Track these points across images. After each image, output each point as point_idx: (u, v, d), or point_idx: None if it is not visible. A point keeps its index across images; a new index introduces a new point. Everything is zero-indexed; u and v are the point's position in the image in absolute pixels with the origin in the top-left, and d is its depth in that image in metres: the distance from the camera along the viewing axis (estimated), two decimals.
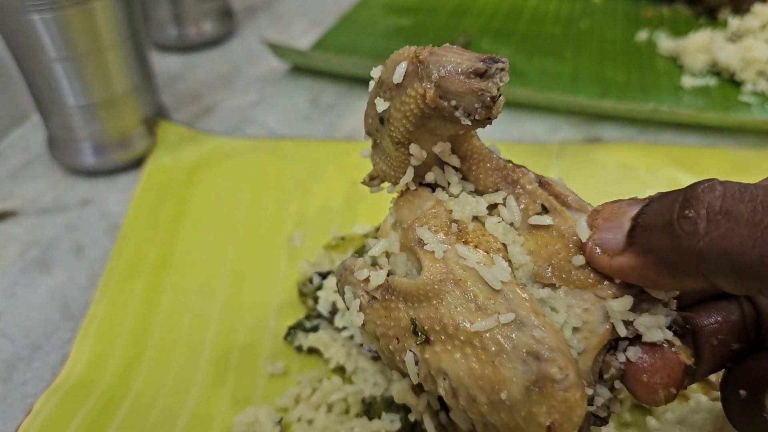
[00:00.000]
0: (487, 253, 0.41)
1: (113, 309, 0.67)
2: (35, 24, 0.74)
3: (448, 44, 0.40)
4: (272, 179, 0.83)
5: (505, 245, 0.41)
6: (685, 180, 0.79)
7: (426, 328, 0.39)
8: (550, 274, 0.39)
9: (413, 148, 0.43)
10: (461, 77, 0.38)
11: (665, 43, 1.08)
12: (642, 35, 1.13)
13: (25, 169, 0.89)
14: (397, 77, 0.40)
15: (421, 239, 0.42)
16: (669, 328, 0.37)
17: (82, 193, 0.85)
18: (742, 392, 0.37)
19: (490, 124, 0.40)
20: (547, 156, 0.85)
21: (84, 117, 0.82)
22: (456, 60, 0.39)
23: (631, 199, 0.38)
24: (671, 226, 0.32)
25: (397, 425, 0.52)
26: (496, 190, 0.43)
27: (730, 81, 0.99)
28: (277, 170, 0.85)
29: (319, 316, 0.63)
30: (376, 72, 0.43)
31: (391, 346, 0.42)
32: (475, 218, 0.43)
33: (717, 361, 0.39)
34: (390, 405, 0.54)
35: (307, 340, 0.61)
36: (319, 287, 0.64)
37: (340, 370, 0.59)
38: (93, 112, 0.82)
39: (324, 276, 0.64)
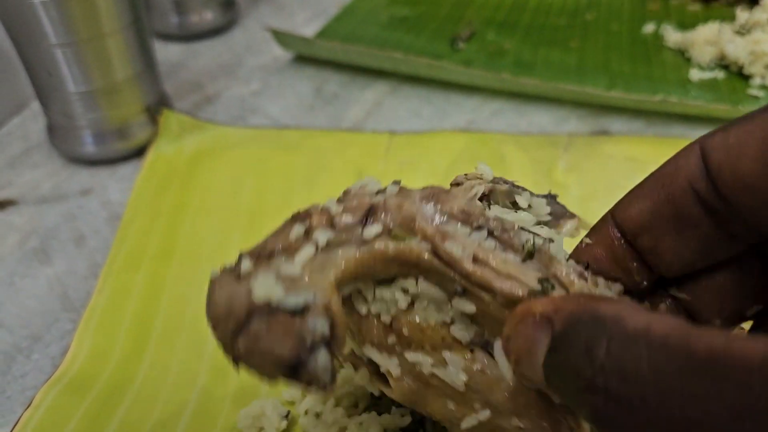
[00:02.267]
0: (435, 350, 0.40)
1: (115, 299, 0.66)
2: (35, 8, 0.72)
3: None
4: (276, 169, 0.82)
5: (447, 323, 0.40)
6: None
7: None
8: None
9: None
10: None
11: (672, 35, 1.07)
12: (648, 27, 1.12)
13: (25, 158, 0.88)
14: None
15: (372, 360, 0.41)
16: None
17: (83, 182, 0.83)
18: None
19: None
20: (555, 148, 0.83)
21: (84, 104, 0.80)
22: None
23: (538, 313, 0.32)
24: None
25: (408, 420, 0.51)
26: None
27: (738, 74, 0.98)
28: (281, 160, 0.83)
29: None
30: None
31: None
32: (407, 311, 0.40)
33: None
34: None
35: None
36: None
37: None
38: (93, 99, 0.80)
39: None
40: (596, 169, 0.80)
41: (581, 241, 0.38)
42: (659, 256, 0.34)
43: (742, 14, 1.05)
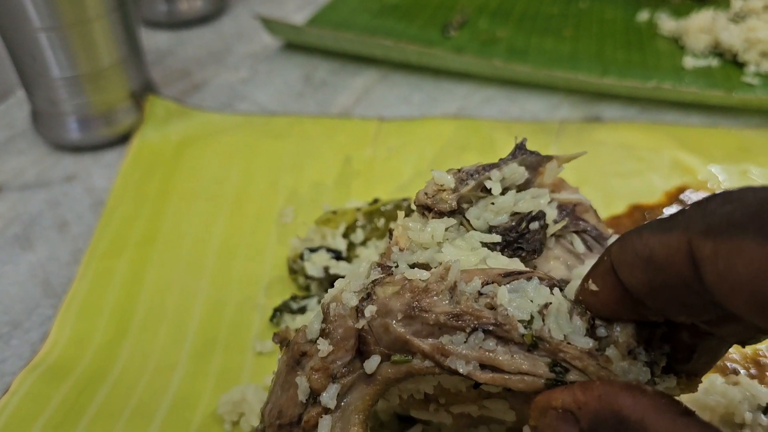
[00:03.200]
0: (475, 402, 0.40)
1: (96, 285, 0.65)
2: None
3: None
4: (263, 155, 0.81)
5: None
6: (688, 161, 0.77)
7: None
8: None
9: None
10: None
11: (666, 23, 1.06)
12: (643, 15, 1.11)
13: (9, 145, 0.87)
14: None
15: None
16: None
17: (67, 169, 0.82)
18: None
19: None
20: (547, 135, 0.82)
21: (69, 90, 0.79)
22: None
23: (560, 407, 0.33)
24: None
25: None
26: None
27: (732, 62, 0.97)
28: (268, 146, 0.82)
29: (307, 296, 0.61)
30: None
31: None
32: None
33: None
34: None
35: (294, 323, 0.59)
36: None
37: None
38: (78, 84, 0.79)
39: (314, 251, 0.62)
40: (589, 156, 0.78)
41: (585, 284, 0.35)
42: (668, 314, 0.33)
43: (736, 2, 1.04)
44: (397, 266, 0.41)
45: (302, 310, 0.59)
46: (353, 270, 0.40)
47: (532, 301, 0.36)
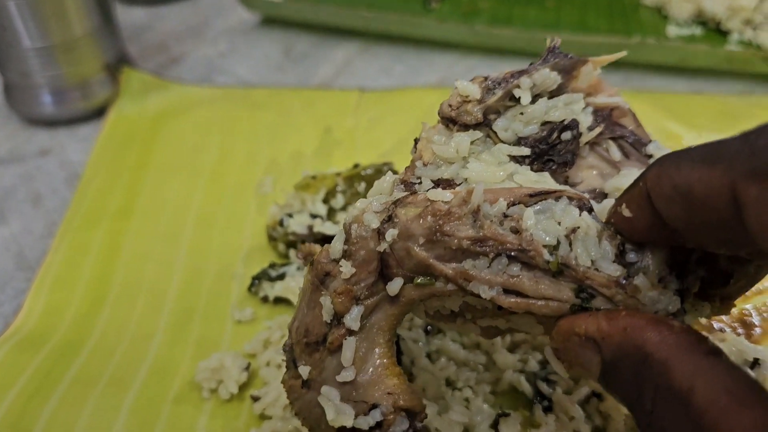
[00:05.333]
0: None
1: (72, 257, 0.63)
2: None
3: None
4: (242, 127, 0.79)
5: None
6: (673, 128, 0.76)
7: None
8: None
9: None
10: None
11: None
12: None
13: None
14: None
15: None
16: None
17: (41, 143, 0.80)
18: None
19: None
20: None
21: (41, 61, 0.77)
22: None
23: (583, 334, 0.32)
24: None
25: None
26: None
27: (716, 30, 0.96)
28: (247, 118, 0.81)
29: (286, 263, 0.60)
30: None
31: None
32: None
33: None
34: None
35: (273, 290, 0.58)
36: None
37: None
38: (51, 55, 0.77)
39: (292, 215, 0.61)
40: None
41: (618, 208, 0.34)
42: (704, 247, 0.31)
43: None
44: (420, 182, 0.39)
45: (281, 277, 0.58)
46: (376, 185, 0.40)
47: (559, 223, 0.34)
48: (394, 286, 0.36)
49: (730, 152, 0.27)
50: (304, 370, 0.38)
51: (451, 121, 0.41)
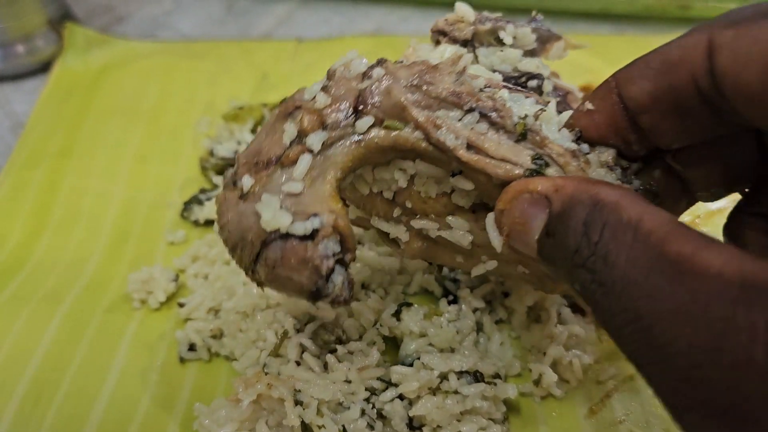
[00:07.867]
0: (439, 216, 0.41)
1: (13, 194, 0.66)
2: None
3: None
4: (182, 75, 0.82)
5: (447, 193, 0.41)
6: (593, 63, 0.80)
7: None
8: None
9: None
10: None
11: None
12: None
13: None
14: None
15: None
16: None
17: None
18: None
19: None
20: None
21: None
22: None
23: (536, 191, 0.33)
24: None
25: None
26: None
27: None
28: (186, 67, 0.83)
29: (215, 188, 0.63)
30: None
31: None
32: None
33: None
34: None
35: (203, 213, 0.61)
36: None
37: None
38: None
39: (222, 143, 0.64)
40: None
41: (582, 105, 0.37)
42: (657, 134, 0.34)
43: None
44: None
45: (210, 200, 0.61)
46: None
47: (528, 108, 0.38)
48: (364, 123, 0.38)
49: (708, 22, 0.30)
50: (246, 182, 0.38)
51: (442, 34, 0.45)
